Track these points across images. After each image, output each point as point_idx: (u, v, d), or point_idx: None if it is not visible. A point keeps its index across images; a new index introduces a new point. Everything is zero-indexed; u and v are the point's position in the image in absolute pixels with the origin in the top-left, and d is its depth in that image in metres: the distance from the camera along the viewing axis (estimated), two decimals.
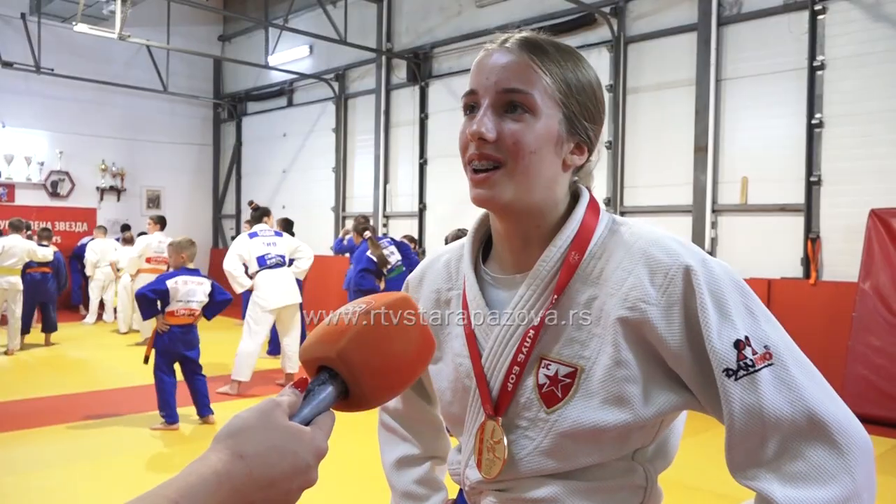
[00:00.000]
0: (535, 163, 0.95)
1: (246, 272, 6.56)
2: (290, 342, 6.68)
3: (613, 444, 0.96)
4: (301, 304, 6.93)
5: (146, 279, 9.14)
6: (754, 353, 0.88)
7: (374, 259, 7.03)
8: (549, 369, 0.97)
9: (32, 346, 8.83)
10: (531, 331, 0.98)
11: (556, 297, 0.97)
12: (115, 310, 10.98)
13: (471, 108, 0.99)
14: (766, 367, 0.87)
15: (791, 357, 0.90)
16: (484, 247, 1.12)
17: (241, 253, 6.53)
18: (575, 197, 1.04)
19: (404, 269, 7.11)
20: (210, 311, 5.48)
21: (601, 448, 0.96)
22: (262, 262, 6.52)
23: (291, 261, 6.88)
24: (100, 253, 10.76)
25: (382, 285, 6.99)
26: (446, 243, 5.95)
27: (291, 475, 0.66)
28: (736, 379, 0.87)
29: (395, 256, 7.13)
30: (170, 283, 5.24)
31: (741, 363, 0.87)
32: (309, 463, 0.67)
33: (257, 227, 6.78)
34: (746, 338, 0.88)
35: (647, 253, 0.94)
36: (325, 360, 0.74)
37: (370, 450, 4.81)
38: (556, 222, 1.01)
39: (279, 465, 0.65)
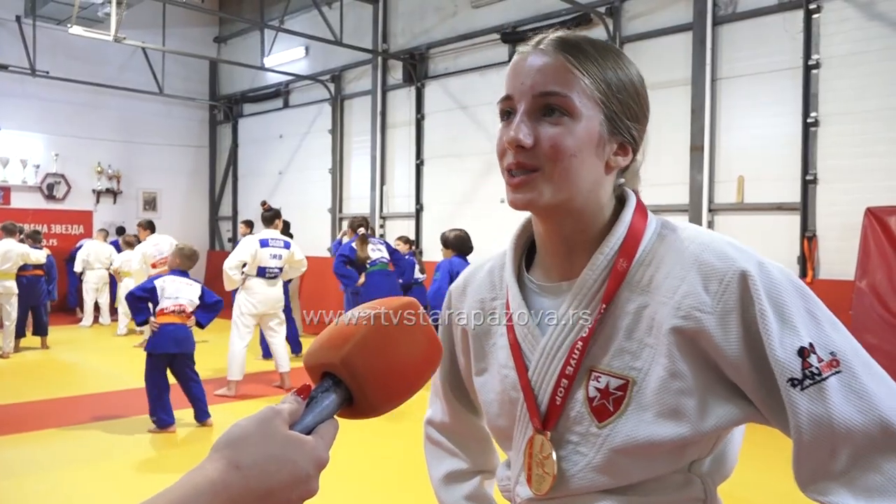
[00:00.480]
0: (575, 166, 0.92)
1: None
2: (278, 342, 6.81)
3: (668, 458, 0.92)
4: (284, 307, 7.09)
5: None
6: (820, 360, 0.83)
7: (357, 251, 7.19)
8: (599, 382, 0.94)
9: (28, 349, 8.81)
10: (579, 342, 0.95)
11: (603, 306, 0.94)
12: (114, 310, 10.97)
13: (507, 113, 0.96)
14: (833, 374, 0.83)
15: (860, 363, 0.85)
16: (528, 253, 1.09)
17: (245, 259, 6.57)
18: (621, 201, 1.01)
19: (390, 268, 7.29)
20: (203, 316, 5.44)
21: (656, 462, 0.92)
22: (262, 273, 6.65)
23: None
24: (93, 254, 10.73)
25: (362, 279, 7.13)
26: (443, 242, 5.91)
27: (290, 485, 0.65)
28: (802, 389, 0.82)
29: (378, 253, 7.25)
30: (157, 282, 5.27)
31: (806, 372, 0.82)
32: (309, 473, 0.66)
33: (268, 235, 6.79)
34: (811, 345, 0.84)
35: (700, 259, 0.90)
36: (329, 366, 0.73)
37: (370, 456, 4.81)
38: (601, 228, 0.98)
39: (277, 476, 0.64)
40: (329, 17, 9.99)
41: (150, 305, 5.29)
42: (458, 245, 5.41)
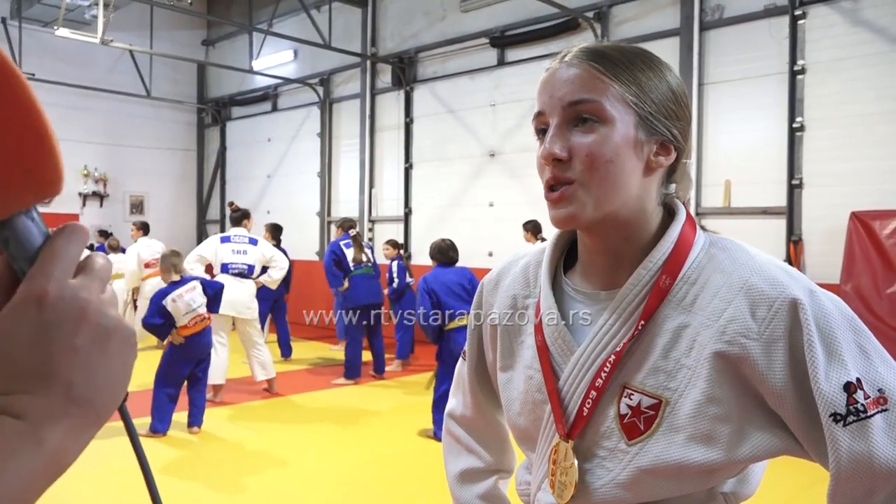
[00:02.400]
0: (613, 172, 0.89)
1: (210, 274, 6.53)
2: (257, 352, 6.58)
3: (696, 480, 0.90)
4: (260, 315, 6.83)
5: (156, 284, 9.15)
6: (867, 396, 0.82)
7: (344, 254, 7.16)
8: (631, 399, 0.92)
9: None
10: (612, 356, 0.93)
11: (642, 322, 0.91)
12: None
13: (542, 131, 0.94)
14: (879, 412, 0.81)
15: None
16: (568, 253, 1.06)
17: (204, 254, 6.45)
18: (670, 212, 0.98)
19: (374, 272, 7.32)
20: (212, 305, 5.47)
21: (682, 483, 0.91)
22: (225, 270, 6.46)
23: (266, 268, 6.81)
24: None
25: (346, 284, 7.13)
26: (429, 255, 5.81)
27: (40, 345, 0.46)
28: (845, 425, 0.81)
29: (364, 256, 7.31)
30: (168, 305, 5.13)
31: (851, 408, 0.81)
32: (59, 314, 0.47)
33: (232, 232, 6.69)
34: (858, 380, 0.82)
35: (749, 283, 0.88)
36: None
37: (361, 463, 4.77)
38: (648, 239, 0.95)
39: (16, 355, 0.46)
40: (318, 21, 9.98)
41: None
42: (439, 254, 5.32)
